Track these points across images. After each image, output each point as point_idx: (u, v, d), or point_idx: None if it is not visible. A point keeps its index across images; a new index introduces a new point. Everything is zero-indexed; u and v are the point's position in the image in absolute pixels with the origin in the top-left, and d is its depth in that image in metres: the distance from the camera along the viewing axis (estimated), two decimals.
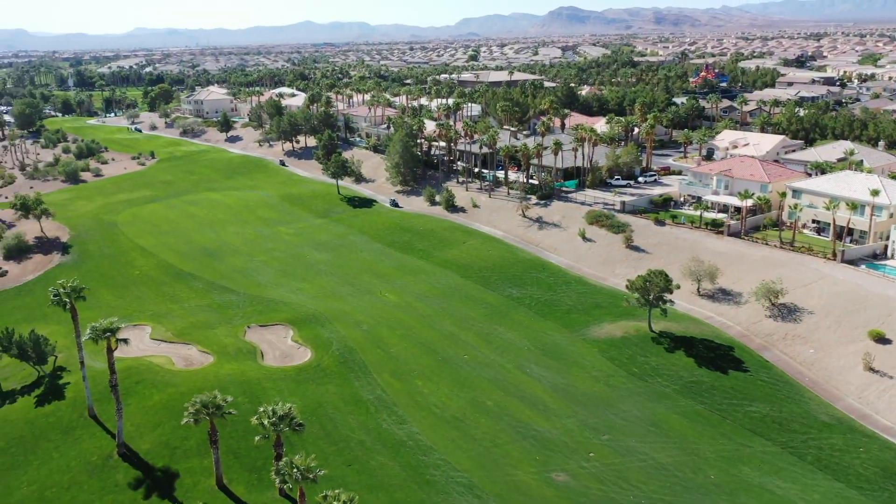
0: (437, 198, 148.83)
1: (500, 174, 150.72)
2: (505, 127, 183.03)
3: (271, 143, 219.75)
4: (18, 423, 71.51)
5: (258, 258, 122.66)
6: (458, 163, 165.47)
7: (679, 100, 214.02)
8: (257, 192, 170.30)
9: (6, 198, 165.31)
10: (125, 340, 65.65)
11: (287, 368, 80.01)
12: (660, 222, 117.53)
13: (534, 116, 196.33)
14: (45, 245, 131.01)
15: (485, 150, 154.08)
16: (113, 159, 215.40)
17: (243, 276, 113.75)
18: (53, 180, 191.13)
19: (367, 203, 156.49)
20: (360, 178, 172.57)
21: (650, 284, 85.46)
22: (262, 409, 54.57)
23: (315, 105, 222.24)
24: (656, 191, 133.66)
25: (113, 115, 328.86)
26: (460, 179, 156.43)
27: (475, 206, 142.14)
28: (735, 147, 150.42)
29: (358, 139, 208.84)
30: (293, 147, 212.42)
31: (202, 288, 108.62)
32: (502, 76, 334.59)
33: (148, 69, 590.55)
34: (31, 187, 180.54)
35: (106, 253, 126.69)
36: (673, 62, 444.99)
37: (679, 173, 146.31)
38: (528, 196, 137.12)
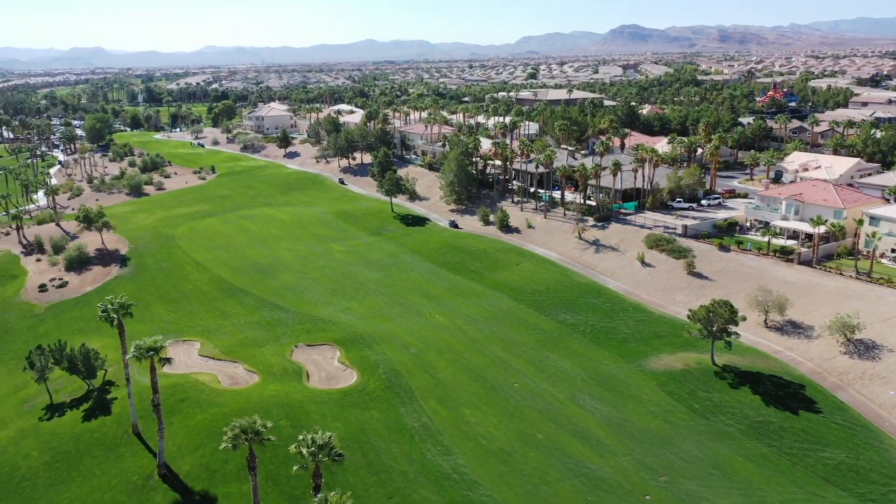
0: (492, 217, 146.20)
1: (557, 194, 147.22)
2: (562, 146, 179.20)
3: (328, 159, 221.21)
4: (65, 437, 71.72)
5: (309, 275, 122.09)
6: (514, 182, 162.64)
7: (745, 120, 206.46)
8: (311, 209, 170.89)
9: (73, 209, 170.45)
10: (168, 360, 65.00)
11: (332, 391, 78.22)
12: (724, 248, 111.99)
13: (592, 136, 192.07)
14: (105, 257, 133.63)
15: (541, 169, 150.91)
16: (175, 173, 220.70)
17: (294, 293, 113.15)
18: (118, 193, 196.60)
19: (420, 221, 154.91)
20: (413, 196, 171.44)
21: (714, 315, 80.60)
22: (301, 438, 52.50)
23: (372, 122, 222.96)
24: (720, 214, 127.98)
25: (178, 130, 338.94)
26: (515, 199, 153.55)
27: (530, 226, 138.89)
28: (805, 170, 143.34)
29: (413, 157, 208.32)
30: (349, 164, 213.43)
31: (252, 304, 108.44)
32: (561, 94, 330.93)
33: (214, 86, 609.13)
34: (97, 199, 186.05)
35: (162, 266, 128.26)
36: (739, 81, 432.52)
37: (745, 196, 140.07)
38: (585, 218, 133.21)
